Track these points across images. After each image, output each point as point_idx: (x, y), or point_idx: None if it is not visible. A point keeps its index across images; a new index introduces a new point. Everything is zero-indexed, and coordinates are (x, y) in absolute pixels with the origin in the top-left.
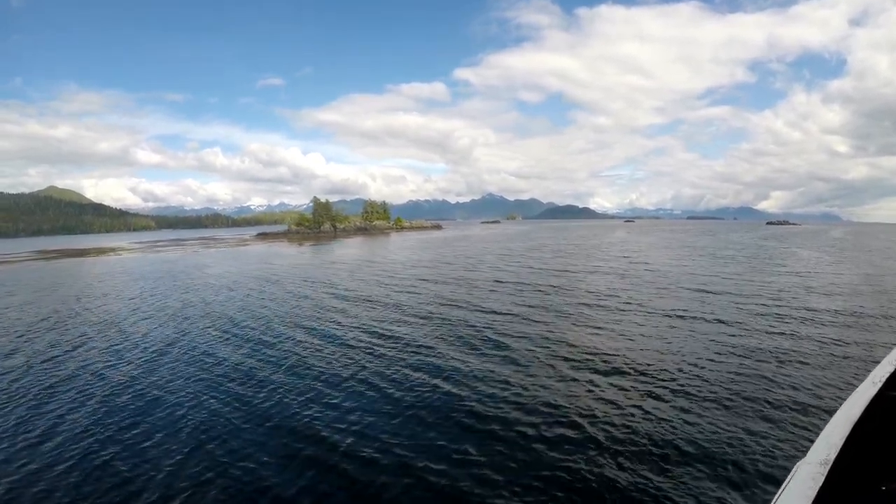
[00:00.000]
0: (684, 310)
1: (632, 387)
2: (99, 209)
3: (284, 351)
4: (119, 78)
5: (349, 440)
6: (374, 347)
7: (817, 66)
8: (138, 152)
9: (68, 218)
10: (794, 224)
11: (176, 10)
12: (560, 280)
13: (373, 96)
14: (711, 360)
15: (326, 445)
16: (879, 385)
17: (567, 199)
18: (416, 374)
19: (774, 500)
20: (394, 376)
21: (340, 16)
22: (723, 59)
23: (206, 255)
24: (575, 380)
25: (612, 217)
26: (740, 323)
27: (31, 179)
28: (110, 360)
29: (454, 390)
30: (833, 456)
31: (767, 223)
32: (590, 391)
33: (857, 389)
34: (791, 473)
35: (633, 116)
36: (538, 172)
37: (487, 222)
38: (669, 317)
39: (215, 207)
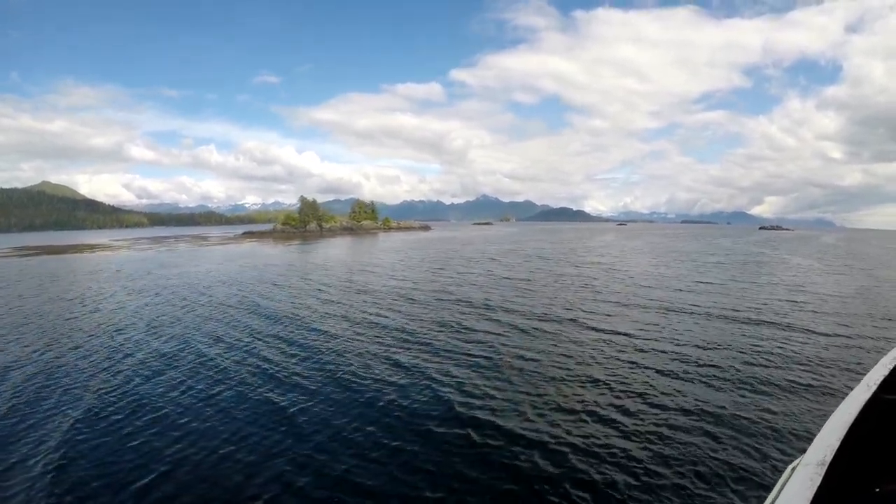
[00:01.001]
0: (640, 328)
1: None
2: (92, 205)
3: (152, 365)
4: (115, 73)
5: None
6: (259, 361)
7: (813, 73)
8: (133, 148)
9: (60, 214)
10: (787, 229)
11: (173, 6)
12: (514, 291)
13: (369, 95)
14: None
15: None
16: (874, 388)
17: (561, 202)
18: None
19: (770, 501)
20: (275, 388)
21: (337, 13)
22: (719, 63)
23: (177, 255)
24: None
25: (606, 220)
26: (700, 346)
27: (24, 174)
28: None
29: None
30: (829, 458)
31: (760, 228)
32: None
33: (852, 392)
34: (786, 475)
35: (630, 120)
36: (533, 174)
37: (479, 223)
38: (618, 335)
39: (209, 205)
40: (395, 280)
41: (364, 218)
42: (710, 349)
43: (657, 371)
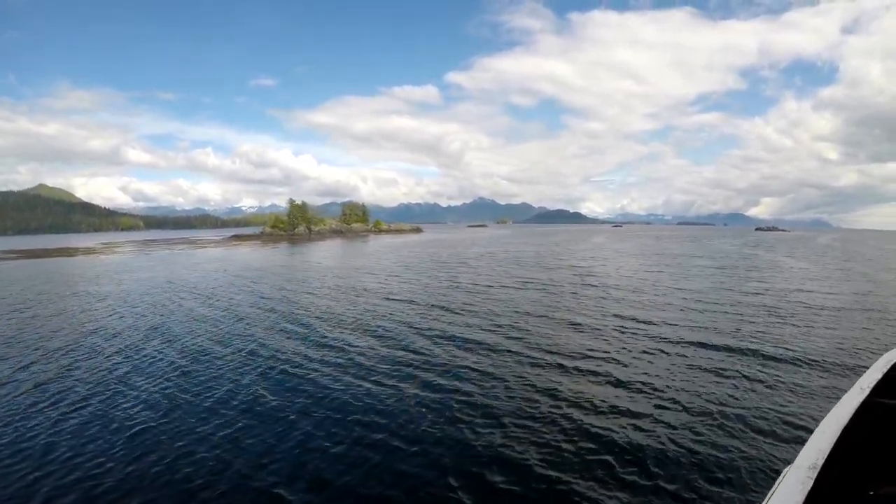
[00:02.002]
0: (587, 351)
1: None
2: (87, 208)
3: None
4: (110, 76)
5: None
6: (173, 370)
7: (809, 74)
8: (129, 151)
9: (56, 217)
10: (783, 230)
11: (168, 8)
12: (465, 300)
13: (365, 98)
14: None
15: None
16: (867, 391)
17: (558, 204)
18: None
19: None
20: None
21: (332, 16)
22: (715, 65)
23: (155, 259)
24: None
25: (603, 222)
26: (659, 375)
27: (20, 177)
28: None
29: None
30: (821, 461)
31: (756, 229)
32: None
33: (845, 396)
34: (779, 478)
35: (626, 122)
36: (530, 177)
37: (474, 226)
38: (550, 361)
39: (206, 208)
40: (341, 285)
41: (354, 220)
42: (670, 378)
43: (590, 414)
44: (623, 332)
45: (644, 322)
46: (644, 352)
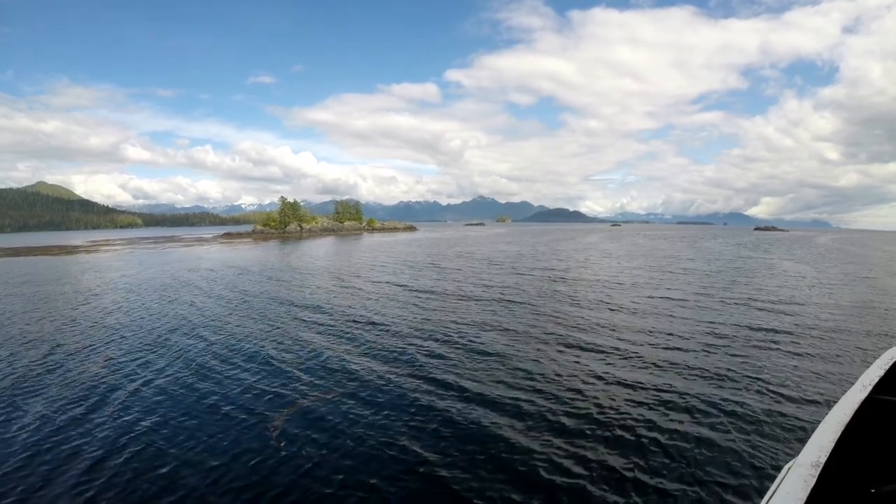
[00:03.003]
0: (534, 374)
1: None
2: (86, 206)
3: None
4: (109, 73)
5: None
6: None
7: (809, 73)
8: (128, 148)
9: (55, 214)
10: (782, 230)
11: (166, 5)
12: (415, 306)
13: (364, 96)
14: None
15: None
16: (869, 389)
17: (558, 203)
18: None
19: (766, 501)
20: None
21: (331, 13)
22: (716, 64)
23: (127, 258)
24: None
25: (602, 221)
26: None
27: (20, 174)
28: None
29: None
30: (824, 459)
31: (755, 229)
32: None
33: (848, 393)
34: (781, 475)
35: (625, 121)
36: (529, 175)
37: (471, 224)
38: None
39: (206, 206)
40: (296, 287)
41: (347, 219)
42: (603, 412)
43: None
44: (566, 352)
45: (594, 341)
46: (586, 379)
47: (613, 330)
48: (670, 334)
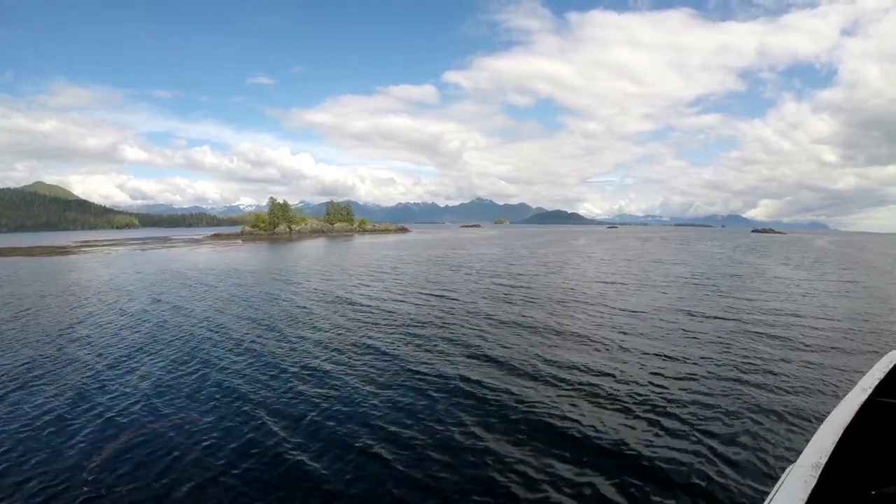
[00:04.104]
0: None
1: None
2: (83, 206)
3: None
4: (107, 73)
5: None
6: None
7: (807, 76)
8: (126, 149)
9: (52, 214)
10: (779, 233)
11: (166, 6)
12: (346, 316)
13: (363, 97)
14: None
15: None
16: (869, 391)
17: (556, 204)
18: None
19: (767, 502)
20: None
21: (330, 14)
22: (714, 66)
23: (115, 258)
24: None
25: (600, 223)
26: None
27: (17, 174)
28: None
29: None
30: (824, 460)
31: (752, 231)
32: None
33: (848, 395)
34: (782, 477)
35: (624, 123)
36: (527, 177)
37: (467, 226)
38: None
39: (204, 206)
40: (215, 295)
41: (338, 220)
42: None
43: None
44: (467, 365)
45: (513, 365)
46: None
47: (534, 357)
48: (612, 359)
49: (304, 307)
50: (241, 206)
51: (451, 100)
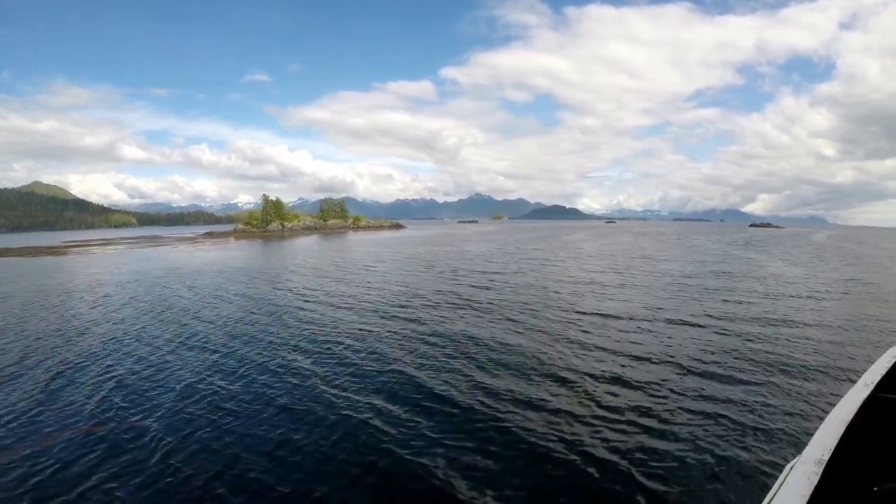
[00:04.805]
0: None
1: None
2: (81, 205)
3: None
4: (105, 73)
5: None
6: None
7: (806, 70)
8: (124, 148)
9: (50, 214)
10: (777, 227)
11: (161, 5)
12: (297, 318)
13: (360, 94)
14: None
15: None
16: (872, 387)
17: (555, 200)
18: None
19: (770, 498)
20: None
21: (326, 11)
22: (712, 61)
23: (97, 258)
24: None
25: (599, 218)
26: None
27: (15, 174)
28: None
29: None
30: (827, 456)
31: (750, 225)
32: None
33: (850, 391)
34: (785, 472)
35: (622, 118)
36: (526, 173)
37: (464, 222)
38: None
39: (202, 204)
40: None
41: (332, 217)
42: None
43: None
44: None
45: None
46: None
47: (483, 362)
48: (570, 367)
49: (233, 311)
50: (240, 204)
51: (448, 96)
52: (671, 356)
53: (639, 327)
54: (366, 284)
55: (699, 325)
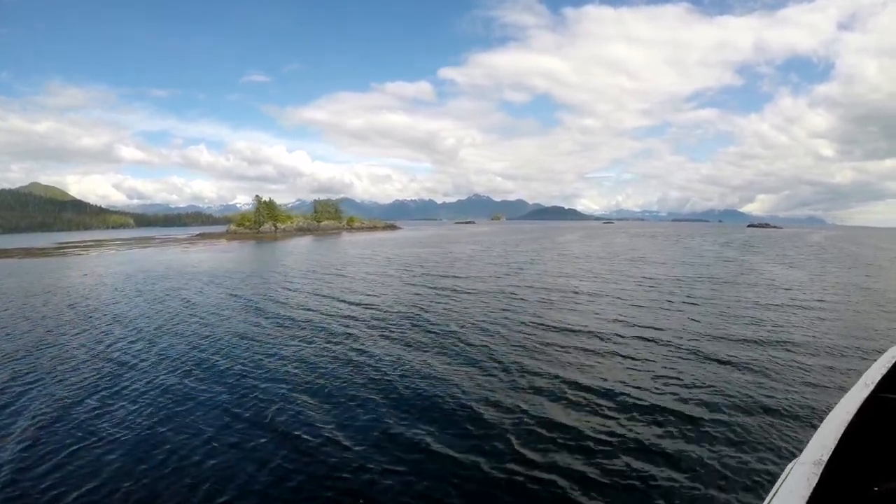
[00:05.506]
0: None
1: None
2: (79, 206)
3: None
4: (103, 73)
5: None
6: None
7: (804, 70)
8: (123, 149)
9: (47, 215)
10: (775, 227)
11: (166, 5)
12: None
13: (359, 94)
14: None
15: None
16: (872, 387)
17: (554, 200)
18: None
19: (769, 499)
20: None
21: (325, 11)
22: (710, 61)
23: (83, 259)
24: None
25: (597, 218)
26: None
27: (13, 175)
28: None
29: None
30: (827, 456)
31: (748, 226)
32: None
33: (850, 391)
34: (785, 473)
35: (621, 118)
36: (525, 173)
37: (461, 223)
38: None
39: (201, 205)
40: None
41: (326, 218)
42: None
43: None
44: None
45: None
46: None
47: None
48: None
49: (201, 313)
50: (238, 205)
51: (447, 96)
52: (652, 364)
53: (609, 339)
54: (336, 288)
55: (677, 338)
